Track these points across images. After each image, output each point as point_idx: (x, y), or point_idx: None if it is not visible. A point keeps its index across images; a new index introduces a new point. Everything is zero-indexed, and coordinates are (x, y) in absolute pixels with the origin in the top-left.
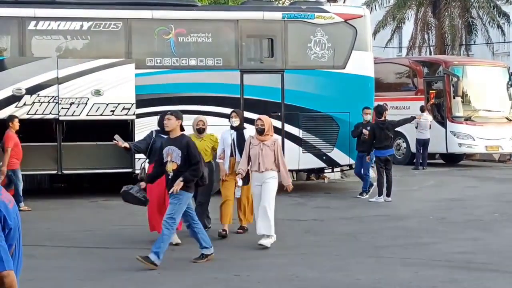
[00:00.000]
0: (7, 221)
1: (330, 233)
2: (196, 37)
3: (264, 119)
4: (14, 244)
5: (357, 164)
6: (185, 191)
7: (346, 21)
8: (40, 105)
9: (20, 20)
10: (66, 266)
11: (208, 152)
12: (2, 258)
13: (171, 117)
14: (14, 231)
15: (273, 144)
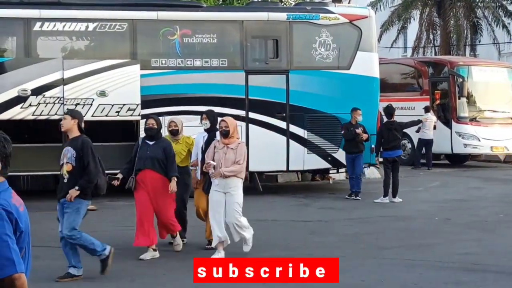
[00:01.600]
0: (19, 224)
1: (334, 234)
2: (201, 37)
3: (228, 121)
4: (24, 247)
5: (349, 166)
6: (82, 199)
7: (351, 22)
8: (46, 106)
9: (26, 21)
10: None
11: (183, 156)
12: (14, 260)
13: (66, 117)
14: (24, 234)
15: (236, 146)
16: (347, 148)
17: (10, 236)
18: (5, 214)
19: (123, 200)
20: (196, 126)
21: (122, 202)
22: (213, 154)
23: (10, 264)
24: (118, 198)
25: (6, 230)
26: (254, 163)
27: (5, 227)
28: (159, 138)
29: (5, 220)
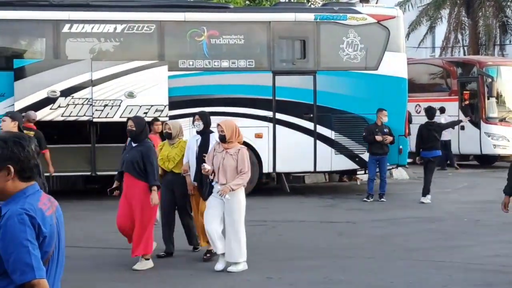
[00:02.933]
0: (42, 229)
1: (363, 235)
2: (228, 39)
3: (224, 125)
4: (52, 250)
5: (372, 168)
6: None
7: (378, 22)
8: (75, 107)
9: (55, 23)
10: (100, 267)
11: (177, 161)
12: (33, 266)
13: (6, 119)
14: (50, 238)
15: (236, 153)
16: (371, 150)
17: (31, 242)
18: (28, 219)
19: None
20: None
21: None
22: (212, 158)
23: (30, 270)
24: None
25: (27, 235)
26: (281, 164)
27: (27, 232)
28: (141, 141)
29: (27, 225)
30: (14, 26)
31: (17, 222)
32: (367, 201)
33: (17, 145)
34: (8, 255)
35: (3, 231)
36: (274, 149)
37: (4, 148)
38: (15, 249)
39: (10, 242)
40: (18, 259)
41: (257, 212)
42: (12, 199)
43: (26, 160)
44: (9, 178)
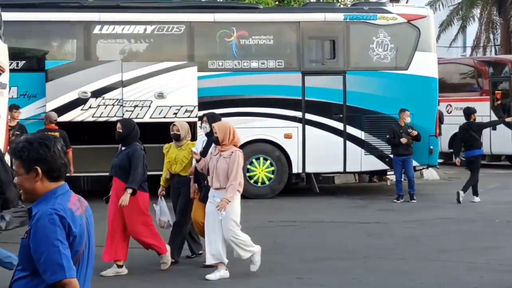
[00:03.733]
0: (72, 229)
1: (393, 236)
2: (258, 39)
3: (218, 127)
4: (82, 250)
5: (398, 170)
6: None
7: (409, 21)
8: (105, 108)
9: (86, 24)
10: (130, 267)
11: (185, 164)
12: (64, 266)
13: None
14: (80, 237)
15: (229, 156)
16: (396, 151)
17: (62, 241)
18: (58, 219)
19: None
20: (253, 128)
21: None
22: (208, 160)
23: (60, 270)
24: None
25: (58, 235)
26: (311, 164)
27: (57, 232)
28: (129, 144)
29: (57, 226)
30: (45, 27)
31: (47, 222)
32: (397, 202)
33: (42, 146)
34: (39, 255)
35: (34, 231)
36: (303, 149)
37: (30, 150)
38: (46, 249)
39: (41, 242)
40: (49, 259)
41: (286, 212)
42: (42, 199)
43: (53, 160)
44: (38, 179)
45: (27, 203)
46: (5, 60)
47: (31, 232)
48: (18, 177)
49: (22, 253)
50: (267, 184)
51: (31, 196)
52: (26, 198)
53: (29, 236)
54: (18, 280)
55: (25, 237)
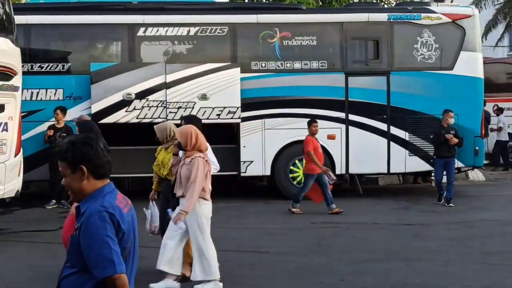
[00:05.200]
0: (121, 225)
1: (437, 238)
2: (301, 40)
3: (179, 132)
4: (128, 247)
5: (439, 171)
6: None
7: (454, 21)
8: (149, 109)
9: (130, 26)
10: None
11: (168, 166)
12: (114, 261)
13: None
14: (128, 234)
15: (189, 162)
16: (438, 152)
17: (112, 238)
18: (108, 216)
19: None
20: (296, 129)
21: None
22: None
23: (111, 265)
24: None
25: (108, 231)
26: (354, 165)
27: (107, 229)
28: None
29: (107, 222)
30: (90, 30)
31: (97, 219)
32: (439, 203)
33: (85, 145)
34: (89, 251)
35: (85, 228)
36: (347, 150)
37: (74, 150)
38: (97, 245)
39: (92, 239)
40: (99, 254)
41: (329, 214)
42: (90, 197)
43: (97, 158)
44: (84, 178)
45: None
46: (17, 63)
47: (81, 229)
48: (65, 178)
49: (71, 250)
50: None
51: (79, 196)
52: (75, 198)
53: (79, 233)
54: (67, 277)
55: (75, 234)
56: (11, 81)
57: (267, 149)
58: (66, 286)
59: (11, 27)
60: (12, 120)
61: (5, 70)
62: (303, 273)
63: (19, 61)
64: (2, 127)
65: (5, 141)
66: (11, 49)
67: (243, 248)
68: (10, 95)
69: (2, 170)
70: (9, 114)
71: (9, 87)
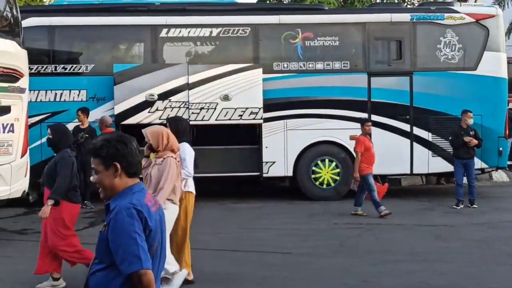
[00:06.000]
0: (148, 223)
1: (461, 239)
2: (323, 40)
3: (149, 132)
4: (156, 245)
5: (459, 174)
6: None
7: (477, 21)
8: (172, 110)
9: (153, 28)
10: (197, 268)
11: None
12: (141, 257)
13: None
14: (155, 233)
15: (161, 162)
16: (457, 154)
17: (139, 234)
18: (136, 213)
19: (246, 203)
20: (318, 129)
21: (246, 204)
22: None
23: (137, 261)
24: (241, 201)
25: (136, 228)
26: (377, 166)
27: (135, 225)
28: (59, 150)
29: (135, 219)
30: (113, 31)
31: (125, 216)
32: (457, 208)
33: (120, 143)
34: (117, 247)
35: (113, 224)
36: None
37: (109, 147)
38: (124, 241)
39: (120, 235)
40: (126, 250)
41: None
42: (119, 195)
43: (130, 156)
44: (117, 174)
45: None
46: (23, 66)
47: (109, 225)
48: (98, 175)
49: (100, 246)
50: (333, 186)
51: (110, 193)
52: (105, 195)
53: (107, 229)
54: (95, 273)
55: (103, 230)
56: (18, 83)
57: (289, 149)
58: (94, 283)
59: (17, 30)
60: (18, 122)
61: (11, 72)
62: (325, 274)
63: (25, 64)
64: (8, 128)
65: (11, 142)
66: (17, 52)
67: (266, 249)
68: (16, 97)
69: (8, 170)
70: (15, 115)
71: (15, 89)
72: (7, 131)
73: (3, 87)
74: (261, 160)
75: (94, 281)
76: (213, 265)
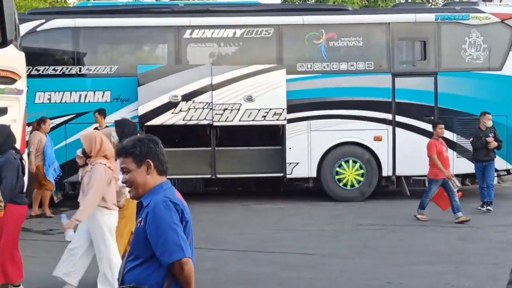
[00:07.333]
0: (185, 214)
1: (486, 240)
2: (347, 41)
3: (83, 137)
4: (189, 239)
5: (480, 176)
6: None
7: (503, 21)
8: (195, 111)
9: (176, 29)
10: (221, 269)
11: None
12: (182, 246)
13: None
14: (190, 225)
15: (90, 169)
16: (476, 156)
17: (178, 225)
18: (173, 205)
19: (269, 204)
20: (342, 130)
21: (269, 205)
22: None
23: (179, 250)
24: (264, 202)
25: (174, 219)
26: (401, 167)
27: (173, 217)
28: (3, 152)
29: (172, 211)
30: (137, 32)
31: (163, 208)
32: (482, 209)
33: (151, 142)
34: (157, 238)
35: (151, 217)
36: (393, 152)
37: (142, 146)
38: (164, 231)
39: (159, 226)
40: (167, 240)
41: (376, 215)
42: (152, 192)
43: (161, 155)
44: (150, 172)
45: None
46: (20, 68)
47: (147, 219)
48: (129, 174)
49: (136, 242)
50: (357, 187)
51: (142, 191)
52: (136, 194)
53: (145, 223)
54: (131, 270)
55: (139, 225)
56: (14, 85)
57: (313, 150)
58: (131, 279)
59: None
60: (15, 123)
61: (8, 74)
62: (349, 275)
63: (23, 66)
64: None
65: None
66: (14, 54)
67: (290, 250)
68: (13, 98)
69: None
70: (12, 117)
71: (12, 90)
72: None
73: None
74: (284, 161)
75: (131, 278)
76: (237, 266)
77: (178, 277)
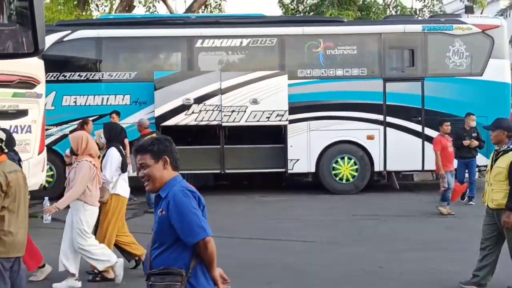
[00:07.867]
0: (201, 200)
1: (469, 229)
2: (343, 49)
3: (71, 137)
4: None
5: (461, 172)
6: None
7: (483, 31)
8: (206, 113)
9: (189, 39)
10: (229, 255)
11: None
12: (204, 227)
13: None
14: (205, 211)
15: (76, 166)
16: (460, 153)
17: (197, 209)
18: (190, 193)
19: (273, 196)
20: (338, 130)
21: (272, 198)
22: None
23: (202, 230)
24: (268, 195)
25: (193, 204)
26: (392, 163)
27: (192, 202)
28: None
29: (191, 198)
30: (154, 42)
31: (182, 196)
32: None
33: (167, 141)
34: (180, 223)
35: (173, 205)
36: (385, 149)
37: (159, 144)
38: (186, 216)
39: (181, 212)
40: (190, 223)
41: (370, 206)
42: (168, 185)
43: (175, 152)
44: (166, 167)
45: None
46: (40, 74)
47: (168, 207)
48: (147, 168)
49: (159, 229)
50: (351, 181)
51: (159, 184)
52: (153, 187)
53: (167, 211)
54: (157, 256)
55: (161, 215)
56: (34, 89)
57: (312, 148)
58: (160, 263)
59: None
60: (35, 124)
61: (28, 80)
62: (345, 260)
63: (42, 72)
64: (26, 129)
65: (29, 141)
66: (34, 61)
67: (292, 238)
68: (33, 102)
69: (26, 166)
70: (32, 118)
71: (32, 94)
72: (24, 131)
73: (20, 93)
74: (286, 157)
75: (160, 262)
76: (244, 252)
77: (202, 255)
